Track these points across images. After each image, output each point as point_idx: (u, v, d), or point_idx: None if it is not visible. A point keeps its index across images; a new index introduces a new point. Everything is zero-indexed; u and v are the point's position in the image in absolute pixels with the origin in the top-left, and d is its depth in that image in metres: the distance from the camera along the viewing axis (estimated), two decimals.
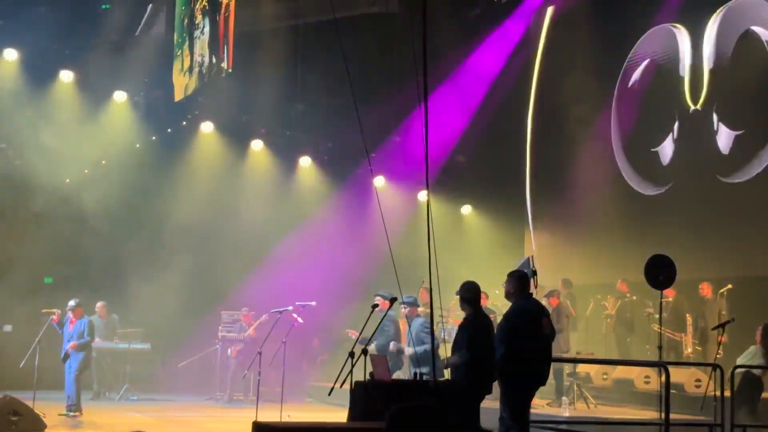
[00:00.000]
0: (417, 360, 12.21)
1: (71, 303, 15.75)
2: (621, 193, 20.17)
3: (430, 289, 7.98)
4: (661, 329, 12.71)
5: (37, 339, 14.82)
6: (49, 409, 14.41)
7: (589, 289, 19.79)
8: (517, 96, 22.94)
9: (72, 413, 15.17)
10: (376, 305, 10.15)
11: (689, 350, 16.50)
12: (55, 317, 15.60)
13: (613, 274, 19.20)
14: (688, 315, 16.70)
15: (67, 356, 15.59)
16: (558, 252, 21.87)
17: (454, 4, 22.77)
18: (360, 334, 10.93)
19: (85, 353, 15.69)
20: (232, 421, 14.96)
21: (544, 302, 15.02)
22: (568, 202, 21.62)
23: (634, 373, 16.51)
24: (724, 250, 17.54)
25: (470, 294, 9.98)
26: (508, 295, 9.98)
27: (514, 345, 9.47)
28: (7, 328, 19.52)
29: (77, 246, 19.78)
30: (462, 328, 10.03)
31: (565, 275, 19.01)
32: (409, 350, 13.13)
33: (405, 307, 12.90)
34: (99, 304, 18.65)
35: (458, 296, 10.19)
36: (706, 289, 16.48)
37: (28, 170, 19.23)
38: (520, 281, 9.99)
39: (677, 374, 14.92)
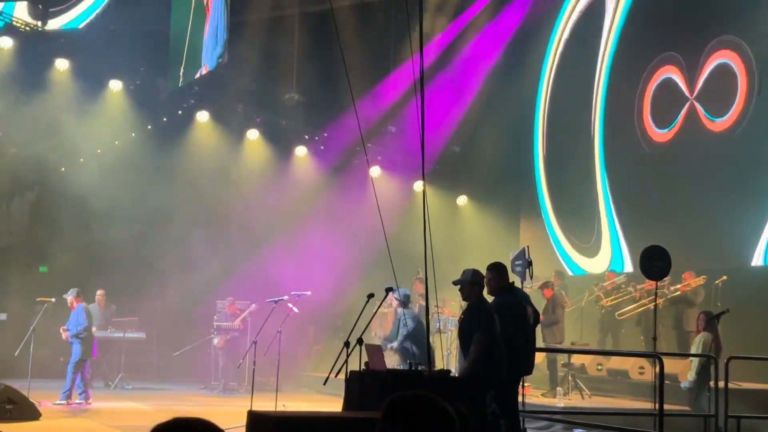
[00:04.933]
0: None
1: (70, 291, 15.81)
2: (618, 183, 20.24)
3: (425, 279, 7.98)
4: (655, 319, 12.72)
5: (31, 328, 14.81)
6: (44, 397, 14.42)
7: (584, 280, 19.86)
8: (513, 85, 22.91)
9: (62, 402, 15.18)
10: (372, 295, 10.11)
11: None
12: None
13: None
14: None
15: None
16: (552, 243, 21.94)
17: None
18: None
19: (84, 340, 15.65)
20: (228, 411, 14.95)
21: (538, 294, 15.09)
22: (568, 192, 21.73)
23: (629, 364, 16.54)
24: (711, 240, 17.64)
25: (477, 279, 9.83)
26: (489, 288, 9.91)
27: (502, 336, 9.46)
28: (2, 316, 19.50)
29: (72, 235, 19.75)
30: (468, 315, 9.88)
31: (558, 266, 19.07)
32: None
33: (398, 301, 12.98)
34: (99, 293, 18.62)
35: (457, 284, 10.03)
36: (688, 279, 16.53)
37: (23, 159, 19.19)
38: (501, 273, 9.95)
39: (671, 365, 14.95)
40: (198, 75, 20.25)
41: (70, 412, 14.60)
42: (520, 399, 10.56)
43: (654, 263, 12.12)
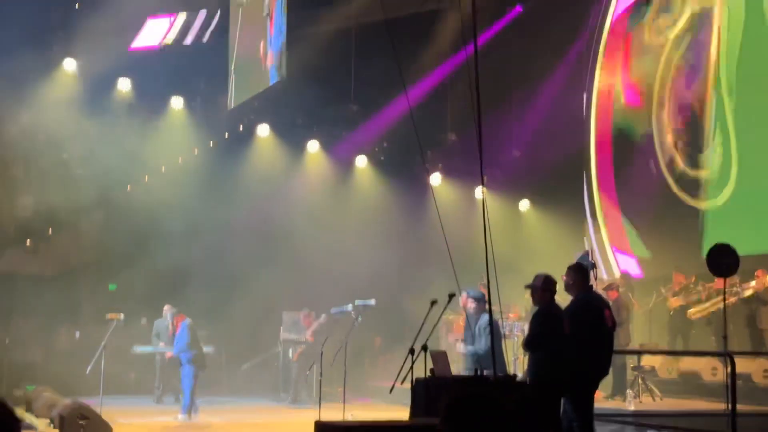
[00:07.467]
0: (477, 359, 12.21)
1: (172, 311, 17.13)
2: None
3: (488, 285, 7.94)
4: (725, 317, 12.49)
5: (102, 344, 15.00)
6: (116, 413, 14.61)
7: (651, 282, 19.62)
8: (573, 87, 22.72)
9: (189, 415, 15.72)
10: (435, 301, 10.08)
11: None
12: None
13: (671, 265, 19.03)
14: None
15: (177, 362, 16.55)
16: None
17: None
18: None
19: (194, 355, 16.28)
20: (296, 421, 15.02)
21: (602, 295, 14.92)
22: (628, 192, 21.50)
23: (701, 365, 16.30)
24: None
25: (545, 285, 9.81)
26: (568, 288, 9.87)
27: (578, 338, 9.39)
28: (75, 334, 19.85)
29: (140, 252, 20.00)
30: (533, 321, 9.88)
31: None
32: (460, 346, 13.13)
33: (472, 302, 12.87)
34: (166, 307, 18.82)
35: (529, 288, 9.99)
36: (762, 276, 16.23)
37: (89, 179, 19.50)
38: (580, 273, 9.88)
39: (745, 364, 14.70)
40: (262, 89, 20.46)
41: (142, 427, 14.77)
42: None
43: (722, 261, 11.93)
